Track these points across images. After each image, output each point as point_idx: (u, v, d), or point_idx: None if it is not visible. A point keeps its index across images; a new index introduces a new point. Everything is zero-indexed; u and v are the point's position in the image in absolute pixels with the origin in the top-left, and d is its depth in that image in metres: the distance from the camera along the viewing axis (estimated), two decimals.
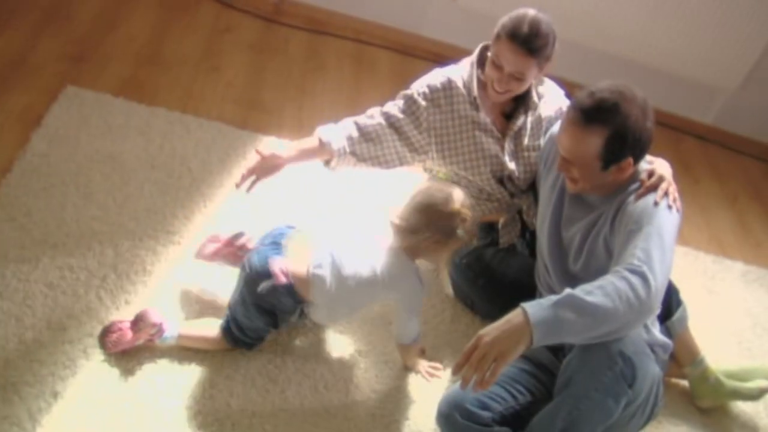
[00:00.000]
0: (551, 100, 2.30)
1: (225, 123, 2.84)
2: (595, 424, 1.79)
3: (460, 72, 2.24)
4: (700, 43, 3.56)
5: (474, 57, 2.25)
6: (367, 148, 2.18)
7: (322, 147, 2.12)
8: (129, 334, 1.95)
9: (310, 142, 2.13)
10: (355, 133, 2.17)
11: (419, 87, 2.21)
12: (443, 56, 2.29)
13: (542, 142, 2.28)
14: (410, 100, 2.20)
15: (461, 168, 2.26)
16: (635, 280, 1.65)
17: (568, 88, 2.40)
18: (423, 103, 2.18)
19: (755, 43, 3.56)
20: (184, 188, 2.50)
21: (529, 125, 2.27)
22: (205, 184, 2.54)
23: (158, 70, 3.00)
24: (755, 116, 3.87)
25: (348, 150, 2.16)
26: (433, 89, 2.20)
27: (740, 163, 3.86)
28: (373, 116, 2.20)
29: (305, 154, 2.13)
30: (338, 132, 2.16)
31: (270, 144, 1.97)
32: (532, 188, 2.34)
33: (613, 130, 1.81)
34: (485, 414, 1.84)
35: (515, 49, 2.06)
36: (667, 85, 3.76)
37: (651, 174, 1.93)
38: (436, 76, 2.23)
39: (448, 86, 2.21)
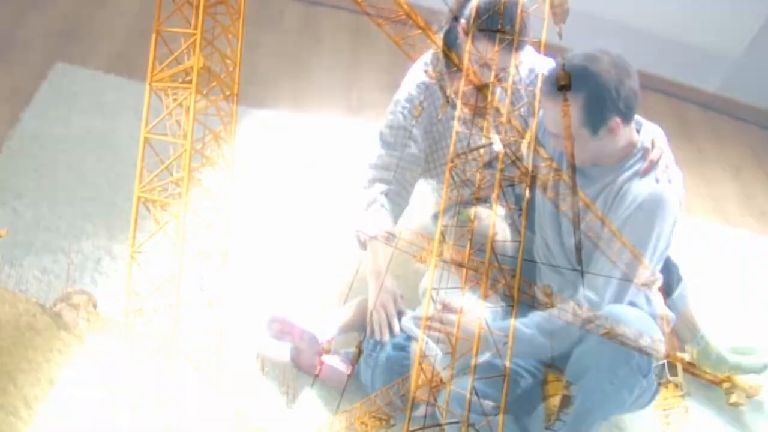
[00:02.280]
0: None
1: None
2: (608, 413, 1.83)
3: (427, 71, 2.12)
4: (704, 8, 3.50)
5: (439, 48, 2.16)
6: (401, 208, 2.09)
7: (387, 241, 1.93)
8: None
9: (376, 257, 1.96)
10: (388, 205, 2.03)
11: (399, 110, 2.08)
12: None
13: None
14: (400, 131, 2.07)
15: None
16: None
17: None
18: (412, 122, 2.07)
19: (760, 8, 3.49)
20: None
21: (498, 90, 2.22)
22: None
23: (149, 45, 2.93)
24: (760, 83, 3.80)
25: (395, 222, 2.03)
26: (412, 101, 2.09)
27: (744, 131, 3.81)
28: (390, 181, 2.05)
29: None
30: (381, 217, 1.99)
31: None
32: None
33: (587, 93, 1.78)
34: (486, 402, 1.82)
35: (503, 51, 1.99)
36: (669, 51, 3.69)
37: (653, 145, 1.90)
38: (412, 91, 2.11)
39: (426, 92, 2.11)
